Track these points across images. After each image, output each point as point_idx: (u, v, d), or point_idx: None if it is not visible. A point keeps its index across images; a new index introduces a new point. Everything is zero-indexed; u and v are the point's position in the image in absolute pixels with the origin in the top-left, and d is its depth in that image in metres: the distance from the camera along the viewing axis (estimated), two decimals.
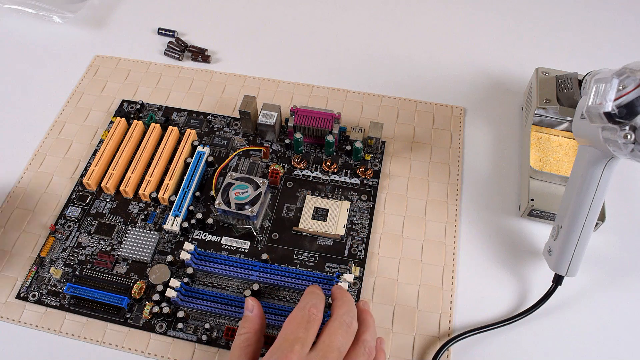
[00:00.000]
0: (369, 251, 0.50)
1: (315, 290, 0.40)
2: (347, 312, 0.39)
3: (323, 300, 0.40)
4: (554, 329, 0.47)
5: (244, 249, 0.51)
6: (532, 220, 0.53)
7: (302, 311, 0.38)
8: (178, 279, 0.48)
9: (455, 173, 0.56)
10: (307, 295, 0.40)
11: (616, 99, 0.36)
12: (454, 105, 0.61)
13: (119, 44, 0.68)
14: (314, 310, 0.38)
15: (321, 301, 0.39)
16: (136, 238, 0.51)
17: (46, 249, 0.51)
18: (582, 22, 0.70)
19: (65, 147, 0.58)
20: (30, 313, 0.48)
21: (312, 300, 0.39)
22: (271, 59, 0.66)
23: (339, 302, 0.40)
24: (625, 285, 0.49)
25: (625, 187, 0.55)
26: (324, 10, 0.72)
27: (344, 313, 0.38)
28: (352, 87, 0.63)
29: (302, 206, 0.53)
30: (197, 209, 0.53)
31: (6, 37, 0.68)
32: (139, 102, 0.61)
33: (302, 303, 0.39)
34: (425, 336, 0.46)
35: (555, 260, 0.46)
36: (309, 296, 0.39)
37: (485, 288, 0.49)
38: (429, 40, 0.68)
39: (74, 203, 0.54)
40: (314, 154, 0.57)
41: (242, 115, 0.56)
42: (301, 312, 0.38)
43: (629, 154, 0.37)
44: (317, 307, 0.38)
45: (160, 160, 0.55)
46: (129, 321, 0.47)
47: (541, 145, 0.56)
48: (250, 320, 0.41)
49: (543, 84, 0.55)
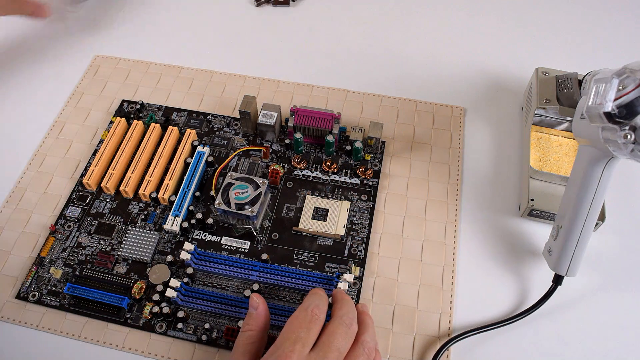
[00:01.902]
0: (369, 251, 0.50)
1: (319, 292, 0.41)
2: (347, 314, 0.39)
3: (326, 302, 0.40)
4: (554, 329, 0.47)
5: (244, 249, 0.51)
6: (532, 220, 0.53)
7: (305, 311, 0.38)
8: (178, 279, 0.48)
9: (455, 173, 0.56)
10: (311, 296, 0.40)
11: (616, 99, 0.36)
12: (454, 105, 0.61)
13: (119, 44, 0.68)
14: (317, 311, 0.38)
15: (324, 303, 0.39)
16: (136, 238, 0.51)
17: (46, 249, 0.51)
18: (582, 22, 0.70)
19: (65, 147, 0.58)
20: (30, 313, 0.48)
21: (315, 301, 0.39)
22: (271, 59, 0.66)
23: (340, 304, 0.40)
24: (625, 285, 0.49)
25: (625, 187, 0.55)
26: (324, 10, 0.72)
27: (344, 314, 0.39)
28: (352, 87, 0.63)
29: (302, 206, 0.53)
30: (197, 209, 0.53)
31: (6, 37, 0.68)
32: (139, 102, 0.61)
33: (305, 303, 0.39)
34: (425, 336, 0.46)
35: (555, 260, 0.46)
36: (312, 297, 0.40)
37: (485, 288, 0.49)
38: (429, 40, 0.68)
39: (74, 203, 0.54)
40: (314, 154, 0.57)
41: (242, 115, 0.56)
42: (304, 313, 0.38)
43: (629, 154, 0.37)
44: (320, 308, 0.38)
45: (160, 160, 0.55)
46: (129, 321, 0.47)
47: (541, 145, 0.56)
48: (254, 318, 0.41)
49: (543, 84, 0.55)
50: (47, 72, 0.65)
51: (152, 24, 0.70)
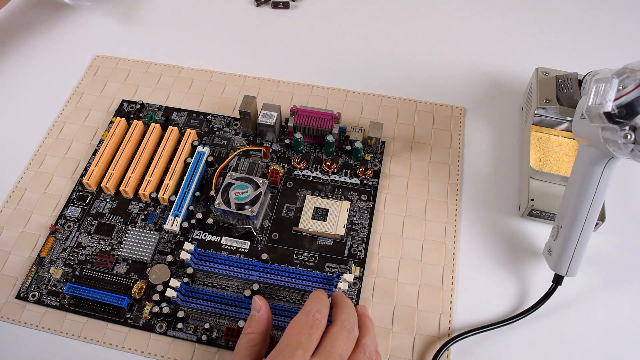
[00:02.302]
0: (369, 251, 0.50)
1: (320, 295, 0.40)
2: (347, 318, 0.39)
3: (327, 306, 0.40)
4: (554, 329, 0.47)
5: (244, 249, 0.51)
6: (532, 220, 0.53)
7: (307, 316, 0.38)
8: (178, 279, 0.48)
9: (455, 173, 0.56)
10: (312, 300, 0.40)
11: (616, 99, 0.36)
12: (454, 105, 0.61)
13: (119, 44, 0.68)
14: (318, 316, 0.38)
15: (325, 307, 0.39)
16: (136, 238, 0.51)
17: (46, 249, 0.51)
18: (582, 22, 0.70)
19: (65, 147, 0.58)
20: (30, 313, 0.48)
21: (317, 306, 0.39)
22: (271, 59, 0.66)
23: (340, 308, 0.40)
24: (625, 285, 0.49)
25: (625, 187, 0.55)
26: (324, 10, 0.72)
27: (345, 319, 0.38)
28: (352, 87, 0.63)
29: (302, 206, 0.53)
30: (197, 209, 0.53)
31: (6, 37, 0.68)
32: (139, 102, 0.61)
33: (307, 308, 0.39)
34: (425, 336, 0.46)
35: (555, 260, 0.46)
36: (314, 301, 0.39)
37: (485, 288, 0.49)
38: (429, 40, 0.68)
39: (74, 203, 0.54)
40: (314, 154, 0.57)
41: (242, 115, 0.56)
42: (305, 317, 0.38)
43: (629, 154, 0.37)
44: (321, 312, 0.38)
45: (160, 160, 0.55)
46: (129, 321, 0.47)
47: (541, 145, 0.56)
48: (256, 320, 0.41)
49: (543, 84, 0.55)
50: (47, 72, 0.65)
51: (152, 24, 0.70)
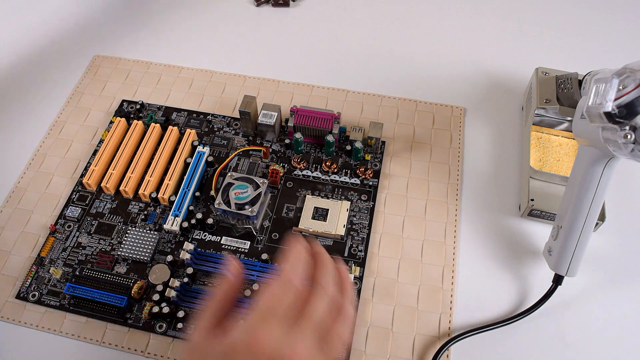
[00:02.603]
0: (369, 251, 0.50)
1: (298, 255, 0.37)
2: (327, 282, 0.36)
3: (306, 266, 0.37)
4: (554, 329, 0.47)
5: (244, 249, 0.51)
6: (532, 220, 0.53)
7: (283, 278, 0.35)
8: (178, 279, 0.48)
9: (455, 173, 0.56)
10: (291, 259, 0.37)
11: (616, 99, 0.36)
12: (454, 105, 0.61)
13: (119, 44, 0.68)
14: (292, 277, 0.35)
15: (304, 267, 0.36)
16: (136, 238, 0.51)
17: (46, 249, 0.51)
18: (582, 22, 0.70)
19: (65, 147, 0.58)
20: (30, 313, 0.48)
21: (294, 267, 0.36)
22: (271, 59, 0.66)
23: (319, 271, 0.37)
24: (625, 285, 0.49)
25: (625, 187, 0.55)
26: (324, 10, 0.72)
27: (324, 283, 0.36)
28: (352, 87, 0.63)
29: (302, 206, 0.53)
30: (197, 209, 0.53)
31: (6, 37, 0.68)
32: (139, 102, 0.61)
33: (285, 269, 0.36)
34: (425, 336, 0.46)
35: (555, 260, 0.46)
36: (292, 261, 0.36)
37: (485, 288, 0.49)
38: (429, 41, 0.68)
39: (74, 203, 0.54)
40: (314, 154, 0.57)
41: (242, 115, 0.56)
42: (281, 280, 0.35)
43: (629, 154, 0.37)
44: (297, 273, 0.35)
45: (160, 160, 0.55)
46: (129, 321, 0.47)
47: (541, 145, 0.56)
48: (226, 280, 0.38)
49: (543, 84, 0.55)
50: (47, 72, 0.65)
51: (152, 24, 0.70)
